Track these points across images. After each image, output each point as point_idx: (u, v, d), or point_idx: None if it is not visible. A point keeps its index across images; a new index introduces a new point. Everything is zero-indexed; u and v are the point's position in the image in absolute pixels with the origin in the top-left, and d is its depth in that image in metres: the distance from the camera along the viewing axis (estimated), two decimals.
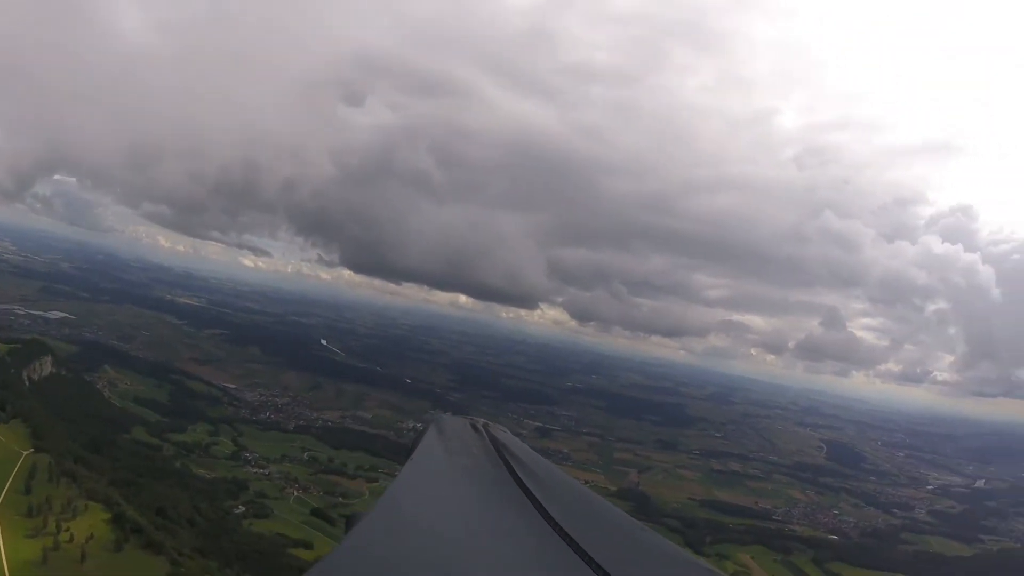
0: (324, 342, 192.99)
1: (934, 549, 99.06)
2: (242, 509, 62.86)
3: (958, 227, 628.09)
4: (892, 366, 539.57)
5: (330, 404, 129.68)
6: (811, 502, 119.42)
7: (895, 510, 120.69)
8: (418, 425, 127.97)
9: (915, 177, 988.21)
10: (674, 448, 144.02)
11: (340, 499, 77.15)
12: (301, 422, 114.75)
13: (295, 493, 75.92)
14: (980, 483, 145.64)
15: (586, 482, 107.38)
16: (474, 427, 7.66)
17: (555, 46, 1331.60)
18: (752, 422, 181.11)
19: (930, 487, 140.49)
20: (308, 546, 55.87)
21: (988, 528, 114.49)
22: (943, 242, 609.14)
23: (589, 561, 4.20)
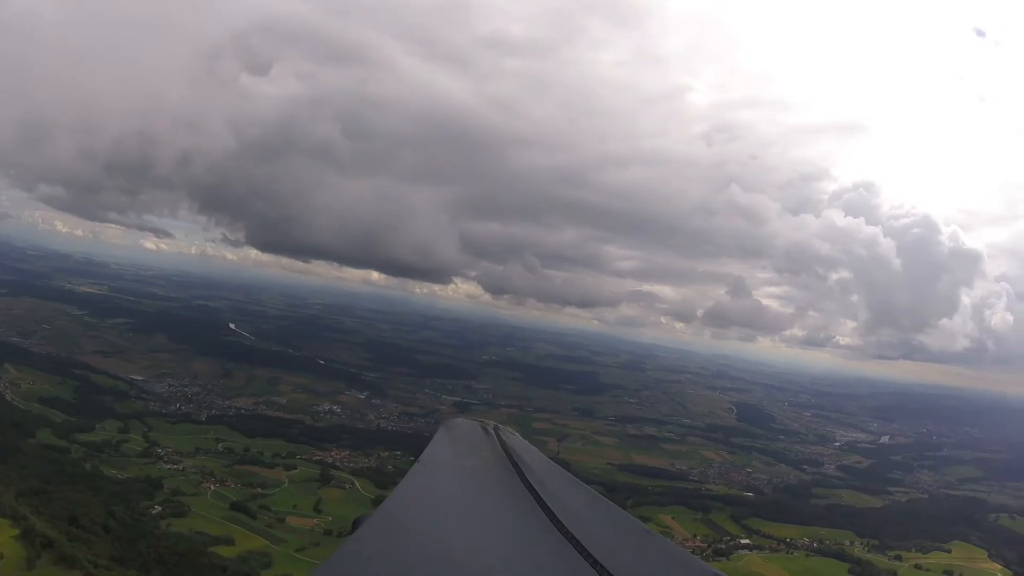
0: (233, 326, 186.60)
1: (846, 502, 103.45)
2: (158, 509, 60.79)
3: (860, 202, 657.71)
4: (796, 332, 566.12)
5: (242, 391, 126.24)
6: (725, 462, 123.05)
7: (805, 466, 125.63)
8: (334, 408, 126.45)
9: (820, 154, 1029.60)
10: (591, 415, 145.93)
11: (259, 490, 75.13)
12: (213, 412, 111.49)
13: (212, 487, 73.34)
14: (884, 439, 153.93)
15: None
16: (484, 429, 7.75)
17: (470, 16, 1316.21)
18: (664, 387, 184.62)
19: (837, 444, 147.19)
20: (229, 542, 54.66)
21: (895, 480, 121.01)
22: (846, 216, 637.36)
23: (596, 565, 4.22)
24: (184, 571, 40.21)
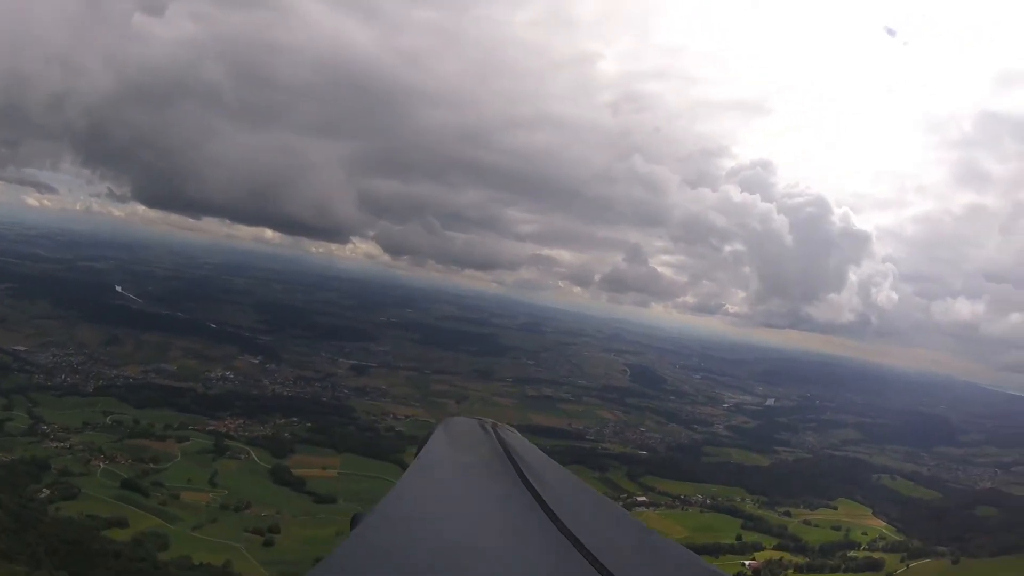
0: (119, 288, 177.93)
1: (735, 460, 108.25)
2: (47, 493, 59.08)
3: (757, 179, 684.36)
4: (689, 299, 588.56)
5: (130, 358, 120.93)
6: (619, 421, 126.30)
7: (696, 426, 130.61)
8: (227, 374, 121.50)
9: (722, 131, 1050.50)
10: (490, 377, 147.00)
11: (151, 465, 72.75)
12: (101, 382, 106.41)
13: (101, 465, 71.05)
14: (770, 402, 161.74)
15: (407, 416, 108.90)
16: (482, 427, 7.90)
17: None
18: (561, 349, 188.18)
19: (725, 405, 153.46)
20: (123, 524, 52.82)
21: (781, 441, 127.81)
22: (742, 191, 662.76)
23: (595, 563, 3.23)
24: (76, 560, 39.81)
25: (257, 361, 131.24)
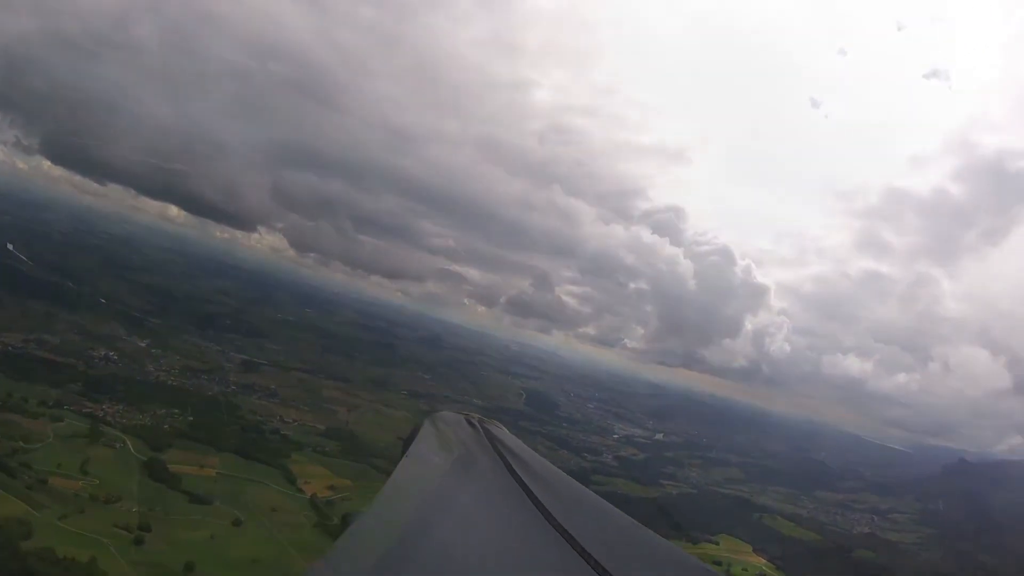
0: (11, 247, 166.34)
1: (621, 490, 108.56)
2: None
3: (668, 224, 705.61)
4: (590, 330, 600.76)
5: (12, 324, 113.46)
6: None
7: (585, 454, 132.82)
8: (111, 354, 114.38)
9: (641, 174, 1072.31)
10: (384, 387, 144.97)
11: (20, 444, 69.33)
12: None
13: None
14: (659, 436, 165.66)
15: (294, 421, 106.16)
16: (469, 422, 7.56)
17: None
18: (460, 366, 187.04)
19: (615, 436, 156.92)
20: None
21: (667, 475, 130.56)
22: (652, 233, 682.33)
23: (587, 558, 4.30)
24: None
25: (144, 344, 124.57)
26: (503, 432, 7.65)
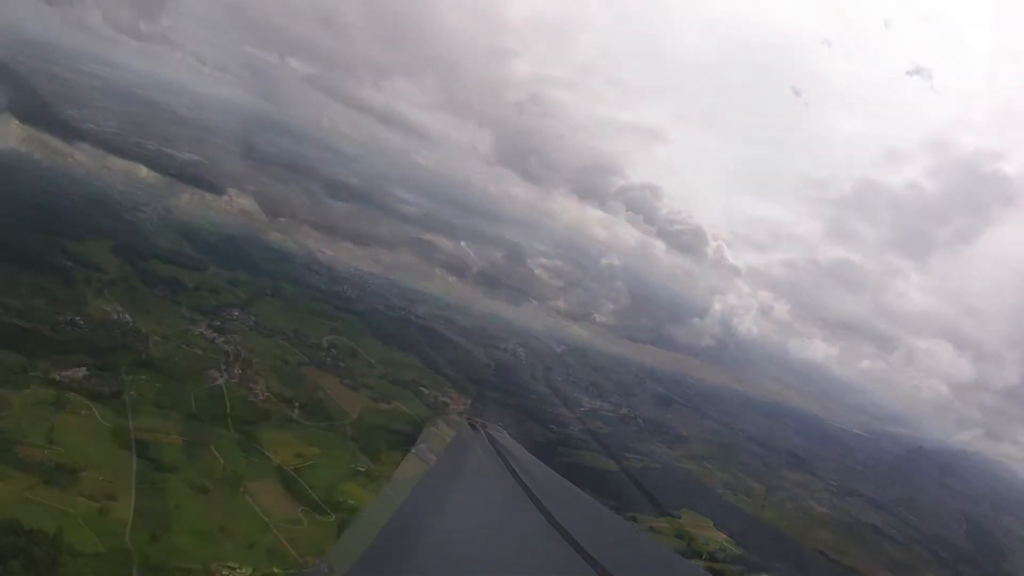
0: (463, 244, 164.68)
1: (587, 463, 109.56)
2: None
3: (643, 201, 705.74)
4: (561, 303, 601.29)
5: (431, 299, 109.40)
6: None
7: (552, 426, 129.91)
8: (77, 319, 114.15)
9: (620, 151, 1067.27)
10: (353, 357, 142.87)
11: None
12: (378, 306, 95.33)
13: None
14: (624, 411, 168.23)
15: (266, 394, 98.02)
16: (472, 426, 7.73)
17: None
18: (429, 337, 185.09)
19: (583, 409, 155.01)
20: None
21: (632, 448, 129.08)
22: (627, 210, 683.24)
23: (588, 558, 4.42)
24: None
25: (110, 308, 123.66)
26: (505, 437, 7.98)
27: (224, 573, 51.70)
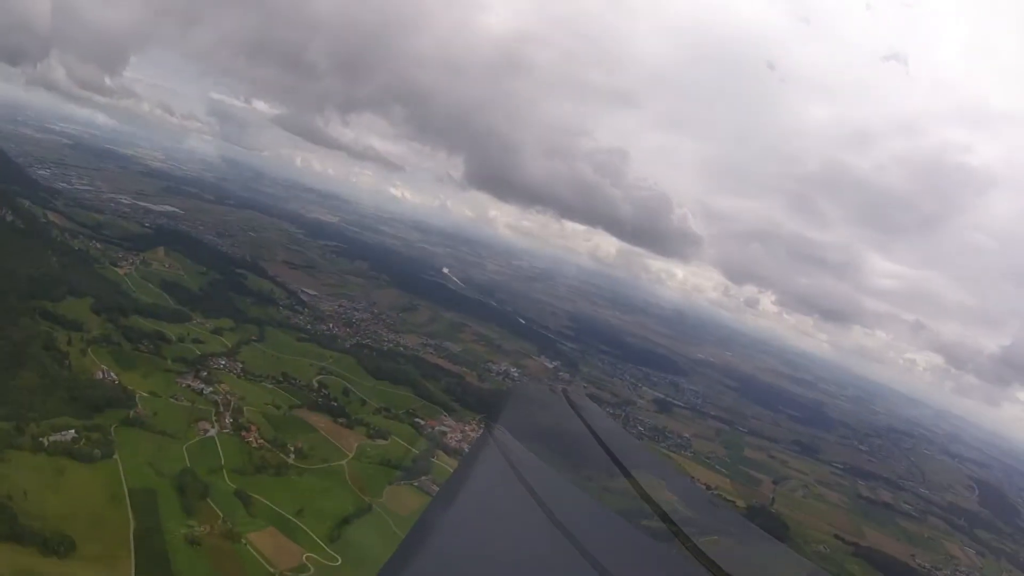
0: (446, 270, 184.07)
1: None
2: None
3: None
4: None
5: (416, 328, 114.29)
6: (972, 567, 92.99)
7: None
8: (512, 370, 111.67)
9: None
10: (813, 454, 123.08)
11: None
12: (365, 341, 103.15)
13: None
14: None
15: (708, 487, 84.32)
16: (553, 392, 8.31)
17: None
18: (897, 439, 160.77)
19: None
20: None
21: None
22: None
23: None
24: None
25: (551, 365, 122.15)
26: (581, 397, 8.18)
27: None
